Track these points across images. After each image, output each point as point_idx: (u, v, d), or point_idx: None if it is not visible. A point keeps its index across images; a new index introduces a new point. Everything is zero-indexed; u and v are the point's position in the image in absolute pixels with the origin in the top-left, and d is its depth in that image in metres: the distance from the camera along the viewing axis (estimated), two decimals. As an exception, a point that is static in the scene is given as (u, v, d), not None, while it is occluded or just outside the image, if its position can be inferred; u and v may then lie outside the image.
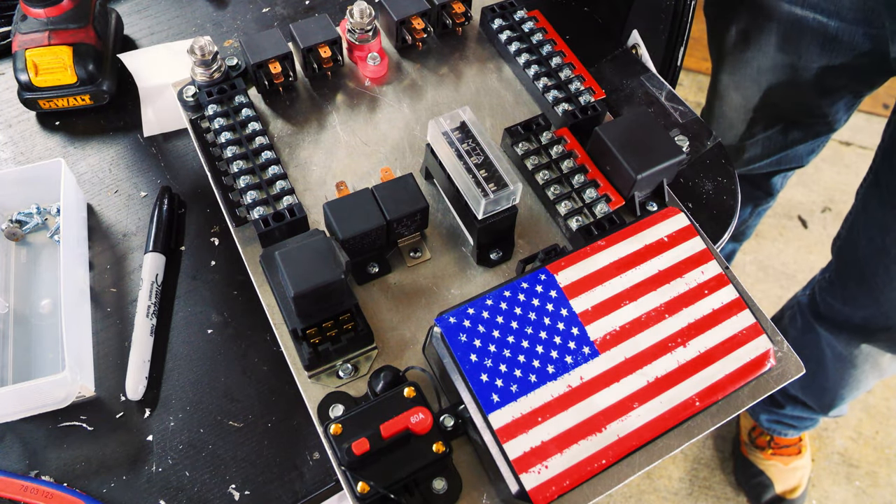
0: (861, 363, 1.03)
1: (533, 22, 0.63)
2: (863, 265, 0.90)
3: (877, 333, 0.96)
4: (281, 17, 0.72)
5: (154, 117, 0.65)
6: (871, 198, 0.88)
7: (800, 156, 1.03)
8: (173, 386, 0.52)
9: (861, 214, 0.90)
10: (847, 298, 0.97)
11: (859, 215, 0.91)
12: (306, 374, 0.48)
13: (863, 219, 0.90)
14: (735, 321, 0.47)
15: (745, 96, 0.92)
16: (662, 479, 1.34)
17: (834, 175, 1.71)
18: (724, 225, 0.59)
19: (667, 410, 0.44)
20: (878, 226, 0.86)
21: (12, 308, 0.55)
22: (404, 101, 0.62)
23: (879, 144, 0.86)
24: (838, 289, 0.98)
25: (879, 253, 0.86)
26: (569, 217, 0.53)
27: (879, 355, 1.01)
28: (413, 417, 0.43)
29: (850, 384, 1.08)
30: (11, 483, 0.47)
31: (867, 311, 0.94)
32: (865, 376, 1.06)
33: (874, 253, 0.87)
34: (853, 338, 1.00)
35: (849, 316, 0.98)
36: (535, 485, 0.41)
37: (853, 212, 0.93)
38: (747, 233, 1.28)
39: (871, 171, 0.88)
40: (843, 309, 0.99)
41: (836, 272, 0.98)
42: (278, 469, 0.49)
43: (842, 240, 0.95)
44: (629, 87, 0.66)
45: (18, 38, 0.61)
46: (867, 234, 0.88)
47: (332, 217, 0.50)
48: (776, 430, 1.28)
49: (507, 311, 0.46)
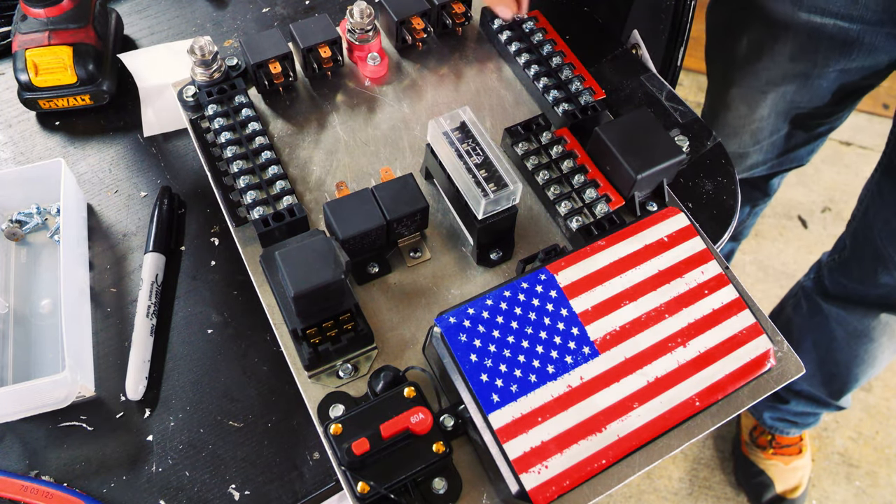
0: (878, 335, 1.02)
1: (533, 22, 0.63)
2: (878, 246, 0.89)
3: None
4: (281, 17, 0.72)
5: (154, 117, 0.65)
6: (885, 182, 0.87)
7: (800, 156, 1.02)
8: (173, 386, 0.52)
9: (876, 198, 0.89)
10: (863, 277, 0.96)
11: (874, 199, 0.90)
12: (306, 374, 0.48)
13: (878, 203, 0.89)
14: (735, 321, 0.47)
15: (752, 107, 0.91)
16: (662, 479, 1.34)
17: (834, 175, 1.71)
18: (724, 225, 0.59)
19: (667, 410, 0.44)
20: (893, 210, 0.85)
21: (12, 308, 0.55)
22: (404, 101, 0.62)
23: (892, 129, 0.85)
24: (853, 268, 0.97)
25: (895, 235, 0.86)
26: (569, 217, 0.53)
27: None
28: (413, 417, 0.43)
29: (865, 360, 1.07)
30: (11, 483, 0.47)
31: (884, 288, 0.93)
32: (882, 350, 1.05)
33: (890, 235, 0.87)
34: (870, 311, 0.99)
35: (864, 293, 0.97)
36: (535, 485, 0.41)
37: (865, 196, 0.92)
38: (745, 232, 1.28)
39: (885, 155, 0.87)
40: (857, 287, 0.98)
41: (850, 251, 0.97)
42: (278, 469, 0.49)
43: (857, 221, 0.95)
44: (629, 87, 0.66)
45: (18, 38, 0.61)
46: (882, 217, 0.88)
47: (332, 217, 0.50)
48: (779, 428, 1.28)
49: (507, 311, 0.46)
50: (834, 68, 0.80)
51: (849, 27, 0.75)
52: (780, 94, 0.87)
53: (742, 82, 0.90)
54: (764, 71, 0.85)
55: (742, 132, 0.96)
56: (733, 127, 0.97)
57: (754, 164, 1.02)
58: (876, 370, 1.11)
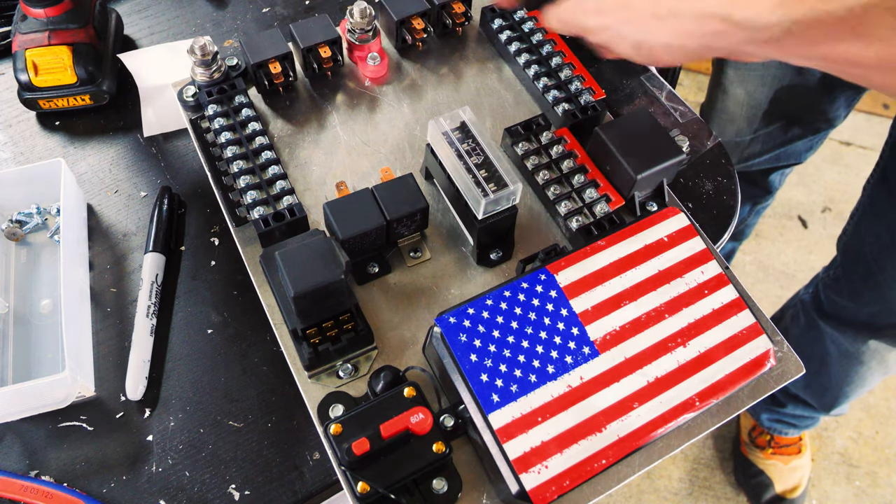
0: (868, 360, 1.03)
1: (533, 22, 0.63)
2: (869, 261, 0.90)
3: (884, 329, 0.96)
4: (281, 17, 0.72)
5: (154, 117, 0.65)
6: (878, 194, 0.88)
7: (798, 152, 1.03)
8: (173, 386, 0.52)
9: (868, 211, 0.90)
10: (853, 294, 0.96)
11: (866, 212, 0.90)
12: (306, 374, 0.48)
13: (870, 215, 0.89)
14: (735, 321, 0.47)
15: (748, 92, 0.92)
16: (662, 479, 1.34)
17: (834, 175, 1.71)
18: (724, 225, 0.59)
19: (667, 410, 0.44)
20: (886, 222, 0.86)
21: (12, 308, 0.55)
22: (404, 101, 0.62)
23: (887, 140, 0.85)
24: (844, 285, 0.98)
25: (886, 249, 0.86)
26: (569, 217, 0.53)
27: (887, 351, 1.00)
28: (413, 417, 0.43)
29: (854, 381, 1.08)
30: (11, 483, 0.47)
31: (873, 307, 0.94)
32: (871, 373, 1.06)
33: (881, 249, 0.87)
34: (860, 334, 1.00)
35: (855, 312, 0.98)
36: (535, 485, 0.41)
37: (859, 208, 0.92)
38: (746, 232, 1.28)
39: (879, 166, 0.88)
40: (848, 305, 0.99)
41: (841, 268, 0.98)
42: (278, 469, 0.49)
43: (848, 236, 0.95)
44: (629, 87, 0.66)
45: (18, 38, 0.61)
46: (874, 231, 0.88)
47: (332, 217, 0.50)
48: (777, 429, 1.28)
49: (507, 311, 0.46)
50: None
51: None
52: (775, 81, 0.88)
53: (739, 64, 0.91)
54: None
55: (739, 118, 0.97)
56: (731, 113, 0.98)
57: (752, 154, 1.02)
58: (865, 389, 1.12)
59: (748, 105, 0.94)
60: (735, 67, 0.92)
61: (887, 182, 0.85)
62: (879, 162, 0.88)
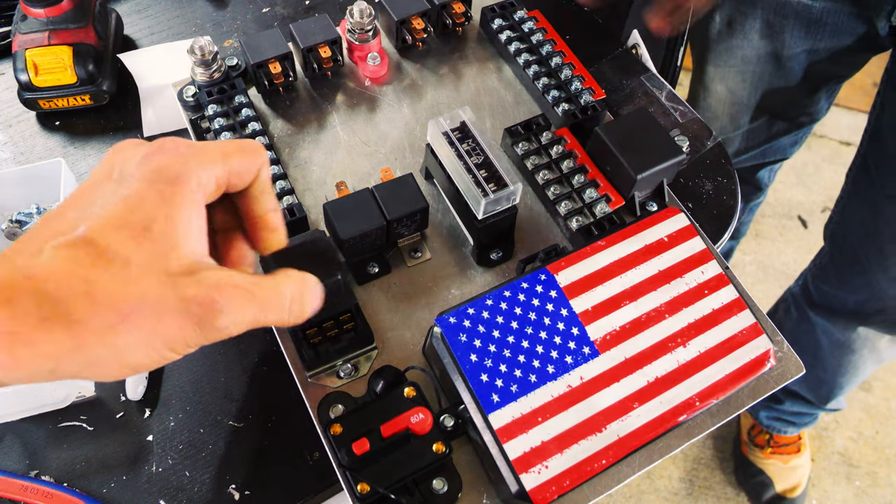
0: (859, 347, 1.03)
1: (533, 22, 0.63)
2: (855, 247, 0.91)
3: (871, 316, 0.97)
4: (281, 17, 0.72)
5: (154, 117, 0.65)
6: (860, 180, 0.89)
7: (783, 148, 1.03)
8: (173, 386, 0.52)
9: (852, 197, 0.91)
10: (841, 282, 0.97)
11: (850, 198, 0.91)
12: (306, 374, 0.48)
13: (854, 201, 0.90)
14: (735, 321, 0.47)
15: (729, 88, 0.93)
16: (662, 479, 1.34)
17: (833, 175, 1.71)
18: (724, 225, 0.59)
19: (667, 410, 0.44)
20: (869, 207, 0.87)
21: (12, 308, 0.55)
22: (404, 101, 0.62)
23: (865, 127, 0.87)
24: (832, 273, 0.99)
25: (871, 234, 0.87)
26: (569, 217, 0.53)
27: (877, 338, 1.01)
28: (413, 417, 0.43)
29: (848, 371, 1.09)
30: (11, 483, 0.47)
31: (861, 293, 0.95)
32: (864, 361, 1.06)
33: (866, 234, 0.88)
34: (849, 322, 1.01)
35: (843, 300, 0.99)
36: (535, 485, 0.41)
37: (843, 195, 0.94)
38: (742, 230, 1.28)
39: (859, 153, 0.89)
40: (837, 294, 0.99)
41: (829, 256, 0.99)
42: (278, 469, 0.49)
43: (834, 223, 0.96)
44: (629, 87, 0.66)
45: (18, 38, 0.61)
46: (859, 216, 0.89)
47: (332, 217, 0.50)
48: (775, 427, 1.28)
49: (508, 311, 0.46)
50: (802, 48, 0.82)
51: (811, 4, 0.78)
52: (755, 76, 0.89)
53: (718, 60, 0.91)
54: (738, 49, 0.87)
55: (722, 115, 0.98)
56: (714, 111, 0.98)
57: (737, 151, 1.03)
58: (860, 378, 1.12)
59: (730, 102, 0.95)
60: (715, 64, 0.92)
61: (868, 167, 0.86)
62: (860, 149, 0.89)
